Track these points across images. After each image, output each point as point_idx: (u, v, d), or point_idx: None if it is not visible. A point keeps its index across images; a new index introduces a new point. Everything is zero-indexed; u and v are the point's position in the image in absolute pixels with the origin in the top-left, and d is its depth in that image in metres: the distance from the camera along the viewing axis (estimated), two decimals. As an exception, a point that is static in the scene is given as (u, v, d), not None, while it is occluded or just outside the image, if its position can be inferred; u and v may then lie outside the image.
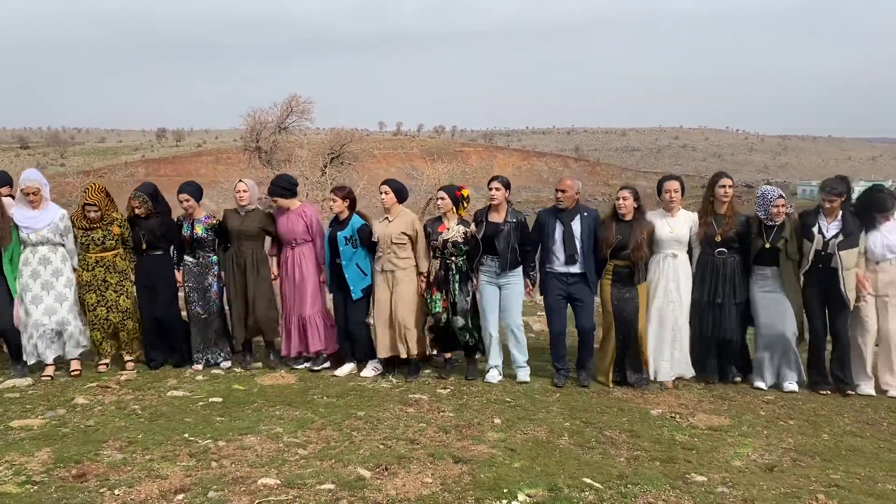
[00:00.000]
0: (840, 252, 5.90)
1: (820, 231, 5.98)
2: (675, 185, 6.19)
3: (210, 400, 5.66)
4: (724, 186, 6.12)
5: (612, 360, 6.18)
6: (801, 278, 6.10)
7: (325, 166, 31.71)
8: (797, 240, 6.05)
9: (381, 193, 6.29)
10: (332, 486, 3.97)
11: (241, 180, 6.65)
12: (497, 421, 5.19)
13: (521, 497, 3.88)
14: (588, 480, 4.11)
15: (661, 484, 4.11)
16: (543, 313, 6.76)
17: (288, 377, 6.34)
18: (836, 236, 5.93)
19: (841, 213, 5.98)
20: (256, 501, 3.80)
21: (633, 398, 5.90)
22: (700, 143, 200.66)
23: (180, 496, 3.86)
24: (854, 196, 6.19)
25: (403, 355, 6.29)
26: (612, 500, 3.89)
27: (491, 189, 6.15)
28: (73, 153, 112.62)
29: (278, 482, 4.02)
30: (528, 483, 4.05)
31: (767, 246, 5.99)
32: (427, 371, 6.53)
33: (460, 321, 6.24)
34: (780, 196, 5.97)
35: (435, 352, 6.64)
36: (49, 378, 6.20)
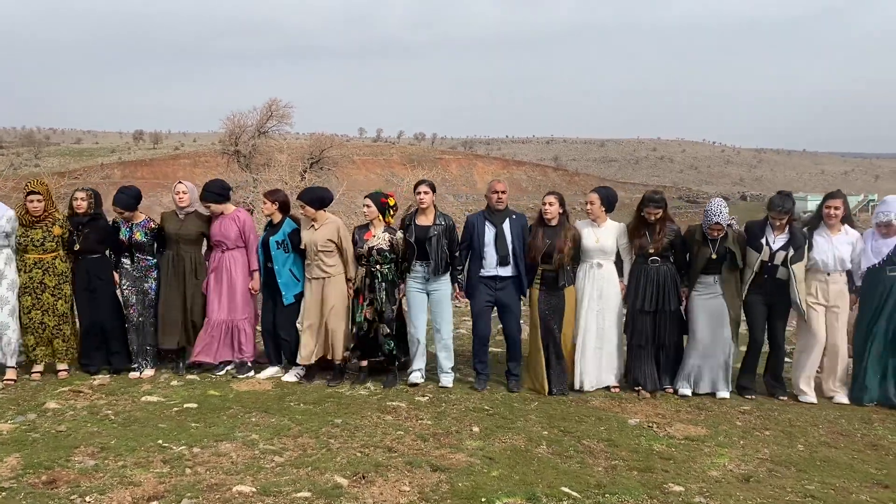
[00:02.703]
0: (792, 266, 6.07)
1: (767, 243, 6.13)
2: (592, 197, 6.34)
3: (185, 406, 5.58)
4: (649, 211, 6.20)
5: (545, 367, 6.21)
6: (745, 287, 6.23)
7: (305, 171, 31.61)
8: (739, 250, 6.18)
9: (300, 209, 6.31)
10: (308, 494, 3.93)
11: (180, 182, 6.60)
12: (475, 429, 5.18)
13: (499, 506, 3.87)
14: (566, 489, 4.11)
15: (639, 493, 4.12)
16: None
17: (264, 383, 6.28)
18: (784, 248, 6.09)
19: (788, 227, 6.15)
20: (231, 509, 3.75)
21: (611, 407, 5.91)
22: (677, 154, 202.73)
23: (153, 503, 3.80)
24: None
25: (329, 357, 6.31)
26: (590, 510, 3.89)
27: (419, 193, 6.20)
28: (48, 154, 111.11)
29: (253, 490, 3.97)
30: (506, 492, 4.04)
31: (714, 256, 6.11)
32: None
33: (386, 329, 6.24)
34: (717, 223, 6.03)
35: (354, 359, 6.54)
36: None
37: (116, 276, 6.48)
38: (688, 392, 6.28)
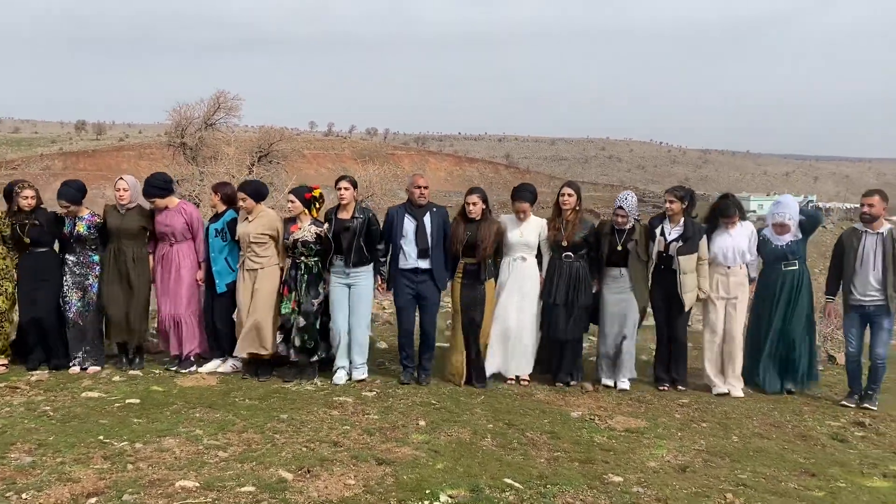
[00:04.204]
0: (679, 256, 6.29)
1: (662, 233, 6.37)
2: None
3: (127, 401, 5.49)
4: (563, 195, 6.42)
5: (464, 359, 6.32)
6: (650, 278, 6.47)
7: (253, 165, 31.14)
8: (645, 242, 6.41)
9: (240, 201, 6.29)
10: (252, 489, 3.92)
11: (121, 178, 6.47)
12: (422, 423, 5.22)
13: (442, 498, 3.92)
14: (509, 481, 4.19)
15: (580, 484, 4.22)
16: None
17: (209, 379, 6.21)
18: (676, 240, 6.32)
19: (683, 219, 6.39)
20: (173, 504, 3.72)
21: (555, 401, 6.03)
22: (625, 154, 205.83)
23: (93, 500, 3.74)
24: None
25: (261, 352, 6.27)
26: (532, 500, 3.98)
27: (339, 189, 6.23)
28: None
29: (197, 485, 3.94)
30: (450, 484, 4.10)
31: (619, 248, 6.31)
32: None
33: (301, 321, 6.20)
34: (620, 207, 6.29)
35: (283, 352, 6.54)
36: None
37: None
38: (609, 382, 6.47)
